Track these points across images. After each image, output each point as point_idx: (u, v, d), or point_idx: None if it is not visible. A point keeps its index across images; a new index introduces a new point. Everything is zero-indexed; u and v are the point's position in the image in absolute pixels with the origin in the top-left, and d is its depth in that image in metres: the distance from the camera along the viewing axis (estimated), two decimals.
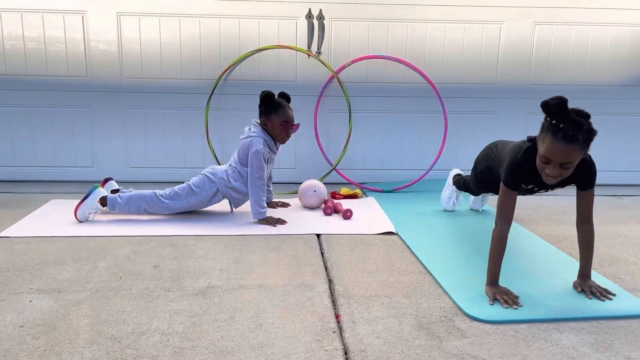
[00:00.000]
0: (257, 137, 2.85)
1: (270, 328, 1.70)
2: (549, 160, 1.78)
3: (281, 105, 2.88)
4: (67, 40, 3.59)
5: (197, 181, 2.90)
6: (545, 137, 1.78)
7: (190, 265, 2.24)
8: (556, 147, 1.74)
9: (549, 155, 1.77)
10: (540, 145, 1.81)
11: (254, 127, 2.92)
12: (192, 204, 2.90)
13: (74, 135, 3.74)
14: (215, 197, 2.92)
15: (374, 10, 3.67)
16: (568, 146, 1.73)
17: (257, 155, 2.81)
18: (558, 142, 1.73)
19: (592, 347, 1.61)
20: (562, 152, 1.75)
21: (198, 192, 2.88)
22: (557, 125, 1.74)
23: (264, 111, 2.88)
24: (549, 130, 1.76)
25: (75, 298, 1.90)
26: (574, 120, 1.75)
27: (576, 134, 1.73)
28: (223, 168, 2.94)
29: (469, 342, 1.63)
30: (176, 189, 2.90)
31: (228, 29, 3.65)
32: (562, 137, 1.72)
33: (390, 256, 2.39)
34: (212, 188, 2.89)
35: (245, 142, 2.87)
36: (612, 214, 3.19)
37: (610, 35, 3.79)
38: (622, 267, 2.30)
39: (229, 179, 2.89)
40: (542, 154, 1.79)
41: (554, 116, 1.78)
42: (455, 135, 3.86)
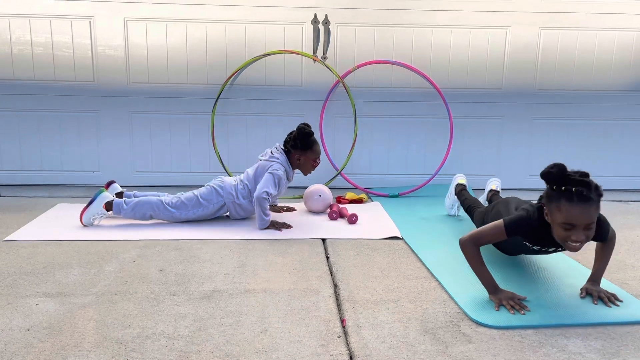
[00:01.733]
0: (280, 164, 2.89)
1: (275, 332, 1.70)
2: (573, 226, 1.75)
3: (315, 142, 2.96)
4: (75, 46, 3.61)
5: (204, 193, 2.91)
6: (559, 205, 1.75)
7: (195, 270, 2.24)
8: (577, 211, 1.72)
9: (572, 221, 1.74)
10: (556, 214, 1.77)
11: (277, 152, 2.94)
12: (197, 215, 2.91)
13: (81, 139, 3.76)
14: (221, 210, 2.94)
15: (379, 15, 3.68)
16: (587, 207, 1.73)
17: (275, 177, 2.84)
18: (576, 206, 1.72)
19: (598, 353, 1.60)
20: (584, 214, 1.73)
21: (205, 205, 2.89)
22: (569, 190, 1.73)
23: (299, 147, 2.92)
24: (562, 197, 1.74)
25: (81, 302, 1.91)
26: (581, 181, 1.74)
27: (589, 194, 1.72)
28: (232, 182, 2.95)
29: (475, 347, 1.63)
30: (183, 198, 2.90)
31: (234, 34, 3.66)
32: (579, 200, 1.72)
33: (395, 261, 2.39)
34: (219, 202, 2.90)
35: (266, 164, 2.90)
36: (619, 219, 3.17)
37: (616, 40, 3.78)
38: (629, 272, 2.29)
39: (238, 194, 2.90)
40: (564, 222, 1.75)
41: (559, 183, 1.76)
42: (460, 139, 3.86)
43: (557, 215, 1.76)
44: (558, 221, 1.77)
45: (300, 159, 2.95)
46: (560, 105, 3.86)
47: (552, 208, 1.79)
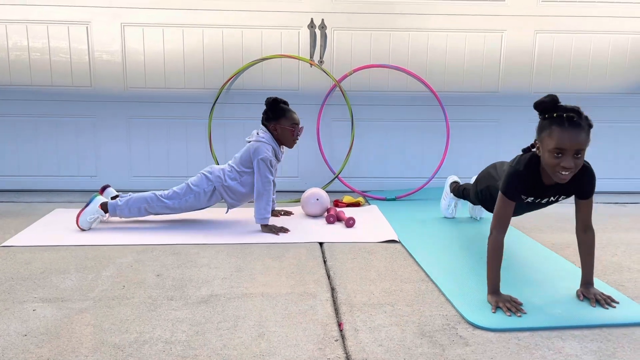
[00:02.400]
0: (266, 143, 2.88)
1: (272, 336, 1.71)
2: (562, 151, 1.77)
3: (288, 109, 2.94)
4: (72, 51, 3.62)
5: (195, 180, 2.93)
6: (550, 132, 1.79)
7: (193, 274, 2.24)
8: (567, 135, 1.76)
9: (562, 145, 1.76)
10: (547, 142, 1.80)
11: (262, 132, 2.94)
12: (190, 203, 2.91)
13: (78, 144, 3.76)
14: (213, 197, 2.93)
15: (375, 19, 3.70)
16: (577, 131, 1.76)
17: (265, 162, 2.83)
18: (567, 130, 1.76)
19: (595, 355, 1.61)
20: (574, 138, 1.76)
21: (196, 191, 2.90)
22: (560, 115, 1.78)
23: (271, 117, 2.93)
24: (553, 123, 1.78)
25: (78, 307, 1.91)
26: (572, 108, 1.80)
27: (579, 120, 1.78)
28: (221, 167, 2.97)
29: (472, 350, 1.63)
30: (175, 188, 2.93)
31: (231, 39, 3.67)
32: (569, 124, 1.76)
33: (392, 264, 2.39)
34: (210, 186, 2.90)
35: (252, 145, 2.89)
36: (614, 221, 3.19)
37: (611, 44, 3.80)
38: (625, 274, 2.30)
39: (225, 177, 2.91)
40: (554, 147, 1.78)
41: (551, 111, 1.80)
42: (457, 143, 3.87)
43: (548, 142, 1.80)
44: (549, 148, 1.80)
45: (277, 129, 2.92)
46: None
47: (543, 137, 1.82)
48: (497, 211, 1.98)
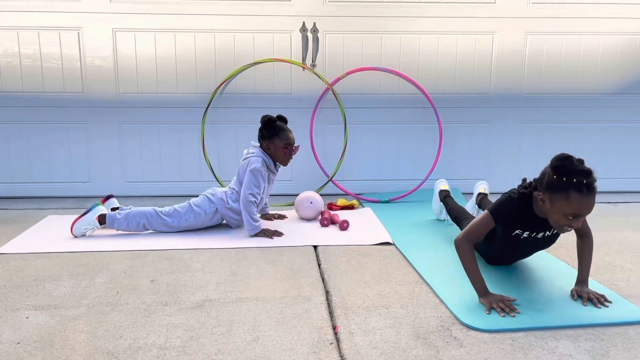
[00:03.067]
0: (256, 156, 2.88)
1: (267, 341, 1.70)
2: (579, 216, 1.80)
3: (283, 129, 2.92)
4: (63, 57, 3.61)
5: (197, 201, 2.93)
6: (567, 196, 1.77)
7: (187, 279, 2.24)
8: (586, 203, 1.77)
9: (581, 212, 1.78)
10: (562, 204, 1.79)
11: (252, 147, 2.95)
12: (190, 223, 2.90)
13: (70, 150, 3.74)
14: (214, 218, 2.94)
15: (367, 22, 3.71)
16: (594, 197, 1.78)
17: (254, 173, 2.83)
18: (587, 198, 1.76)
19: (588, 354, 1.62)
20: (591, 205, 1.78)
21: (197, 212, 2.89)
22: (580, 182, 1.75)
23: (266, 136, 2.92)
24: (570, 188, 1.76)
25: (71, 314, 1.90)
26: (586, 171, 1.77)
27: (594, 184, 1.78)
28: (223, 190, 2.97)
29: (466, 351, 1.63)
30: (176, 206, 2.91)
31: (223, 43, 3.68)
32: (588, 191, 1.76)
33: (387, 266, 2.40)
34: (211, 208, 2.91)
35: (244, 163, 2.91)
36: (607, 220, 3.20)
37: (601, 44, 3.83)
38: (618, 273, 2.31)
39: (228, 200, 2.91)
40: (572, 212, 1.78)
41: (569, 175, 1.78)
42: (450, 145, 3.88)
43: (563, 205, 1.79)
44: (564, 211, 1.80)
45: (269, 148, 2.91)
46: (548, 109, 3.90)
47: (556, 198, 1.81)
48: (474, 224, 1.99)
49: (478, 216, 2.01)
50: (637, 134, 3.97)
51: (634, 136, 3.97)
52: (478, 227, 1.99)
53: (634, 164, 4.00)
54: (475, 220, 2.01)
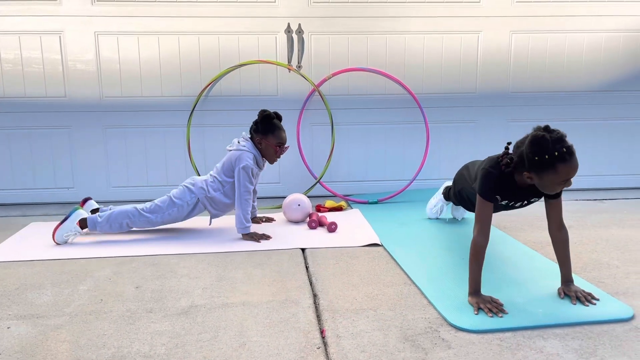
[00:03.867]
0: (248, 152, 2.86)
1: (253, 346, 1.68)
2: (568, 179, 1.85)
3: (278, 127, 2.91)
4: (45, 61, 3.56)
5: (177, 193, 2.89)
6: (555, 169, 1.81)
7: (172, 285, 2.21)
8: (573, 166, 1.83)
9: (570, 175, 1.84)
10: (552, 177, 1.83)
11: (243, 140, 2.92)
12: (173, 216, 2.87)
13: (54, 156, 3.69)
14: (196, 208, 2.90)
15: (352, 23, 3.70)
16: (576, 157, 1.84)
17: (246, 171, 2.80)
18: (571, 162, 1.82)
19: (576, 353, 1.61)
20: (577, 164, 1.85)
21: (179, 204, 2.85)
22: (561, 152, 1.81)
23: (261, 130, 2.89)
24: (556, 161, 1.81)
25: (54, 323, 1.86)
26: (559, 138, 1.84)
27: (572, 147, 1.84)
28: (203, 178, 2.93)
29: (454, 352, 1.62)
30: (157, 201, 2.88)
31: (207, 45, 3.64)
32: (571, 157, 1.82)
33: (375, 268, 2.38)
34: (193, 198, 2.87)
35: (233, 154, 2.87)
36: (593, 217, 3.22)
37: (585, 42, 3.86)
38: (604, 271, 2.32)
39: (209, 188, 2.87)
40: (564, 179, 1.84)
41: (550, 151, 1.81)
42: (437, 144, 3.88)
43: (554, 177, 1.84)
44: (556, 181, 1.85)
45: (261, 143, 2.89)
46: (534, 107, 3.91)
47: (544, 174, 1.85)
48: (477, 213, 2.01)
49: (476, 207, 2.02)
50: (622, 131, 3.99)
51: (619, 133, 3.99)
52: (482, 214, 1.99)
53: (620, 161, 4.03)
54: (476, 212, 2.01)
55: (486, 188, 1.99)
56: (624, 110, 3.96)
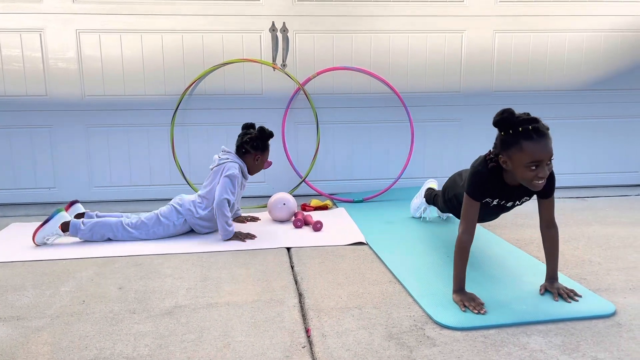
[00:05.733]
0: (232, 162, 2.84)
1: (238, 346, 1.67)
2: (538, 162, 1.79)
3: (268, 145, 2.97)
4: (25, 59, 3.50)
5: (164, 211, 2.85)
6: (520, 147, 1.79)
7: (156, 285, 2.18)
8: (540, 147, 1.77)
9: (539, 157, 1.78)
10: (519, 157, 1.80)
11: (223, 154, 2.92)
12: (158, 234, 2.82)
13: (34, 155, 3.63)
14: (182, 228, 2.87)
15: (337, 22, 3.70)
16: (546, 140, 1.79)
17: (232, 179, 2.79)
18: (538, 142, 1.77)
19: (559, 349, 1.63)
20: (546, 148, 1.79)
21: (165, 223, 2.82)
22: (526, 129, 1.78)
23: (260, 147, 2.91)
24: (521, 138, 1.78)
25: (35, 325, 1.83)
26: (532, 119, 1.82)
27: (543, 128, 1.80)
28: (191, 199, 2.90)
29: (439, 350, 1.63)
30: (143, 218, 2.83)
31: (191, 43, 3.62)
32: (538, 135, 1.77)
33: (360, 267, 2.38)
34: (180, 219, 2.84)
35: (219, 168, 2.85)
36: (575, 215, 3.26)
37: (567, 41, 3.90)
38: (586, 267, 2.34)
39: (197, 209, 2.85)
40: (531, 161, 1.78)
41: (513, 126, 1.81)
42: (422, 143, 3.90)
43: (520, 157, 1.79)
44: (523, 162, 1.80)
45: (257, 159, 2.92)
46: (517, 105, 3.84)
47: (512, 153, 1.82)
48: (464, 212, 2.00)
49: (463, 205, 2.00)
50: (604, 129, 4.05)
51: (601, 132, 4.05)
52: (468, 213, 1.98)
53: (602, 159, 4.09)
54: (462, 209, 2.00)
55: (474, 187, 1.97)
56: (605, 108, 4.02)
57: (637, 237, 2.80)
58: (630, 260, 2.44)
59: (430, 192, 3.03)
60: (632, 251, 2.56)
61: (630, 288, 2.10)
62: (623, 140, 4.08)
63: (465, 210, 1.99)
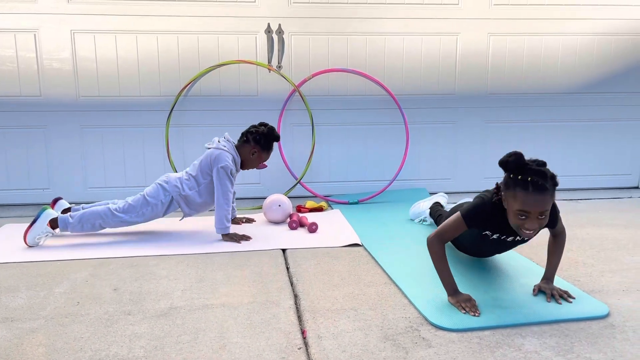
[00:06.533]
0: (227, 152, 2.83)
1: (234, 348, 1.67)
2: (527, 214, 1.78)
3: (272, 147, 2.95)
4: (19, 59, 3.48)
5: (151, 191, 2.84)
6: (514, 194, 1.79)
7: (151, 287, 2.18)
8: (531, 200, 1.76)
9: (526, 208, 1.77)
10: (511, 202, 1.81)
11: (224, 140, 2.89)
12: (148, 216, 2.82)
13: (29, 156, 3.61)
14: (170, 207, 2.86)
15: (332, 24, 3.71)
16: (542, 196, 1.76)
17: (225, 170, 2.78)
18: (531, 195, 1.76)
19: (553, 350, 1.64)
20: (538, 203, 1.76)
21: (153, 203, 2.81)
22: (525, 179, 1.76)
23: (262, 144, 2.90)
24: (517, 186, 1.78)
25: (29, 326, 1.82)
26: (538, 170, 1.78)
27: (544, 183, 1.76)
28: (177, 176, 2.89)
29: (435, 351, 1.63)
30: (130, 201, 2.82)
31: (187, 44, 3.61)
32: (533, 189, 1.75)
33: (355, 268, 2.39)
34: (167, 197, 2.83)
35: (212, 152, 2.83)
36: (569, 217, 3.27)
37: (561, 45, 3.93)
38: (580, 269, 2.36)
39: (183, 186, 2.84)
40: (519, 209, 1.78)
41: (516, 172, 1.80)
42: (417, 145, 3.91)
43: (512, 203, 1.81)
44: (513, 209, 1.80)
45: (254, 153, 2.90)
46: (511, 108, 3.97)
47: (508, 195, 1.83)
48: (447, 225, 1.98)
49: (451, 217, 1.99)
50: (598, 132, 4.08)
51: (595, 135, 4.08)
52: (449, 229, 1.97)
53: (595, 162, 4.11)
54: (448, 221, 1.99)
55: (472, 212, 1.95)
56: (598, 111, 4.04)
57: (630, 239, 2.82)
58: (624, 262, 2.45)
59: (436, 208, 2.99)
60: (625, 253, 2.58)
61: (623, 290, 2.12)
62: (616, 142, 4.11)
63: (448, 224, 1.97)
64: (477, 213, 1.95)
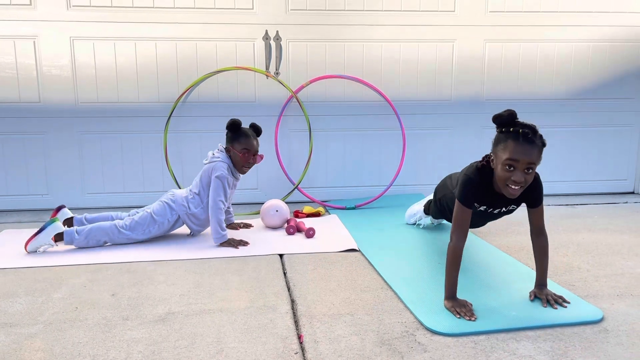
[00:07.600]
0: (222, 161, 2.85)
1: (231, 352, 1.68)
2: (514, 164, 1.84)
3: (246, 134, 2.89)
4: (19, 66, 3.50)
5: (157, 209, 2.86)
6: (505, 145, 1.86)
7: (149, 292, 2.19)
8: (520, 149, 1.83)
9: (516, 156, 1.83)
10: (500, 154, 1.88)
11: (217, 151, 2.92)
12: (153, 233, 2.85)
13: (27, 162, 3.63)
14: (176, 225, 2.90)
15: (330, 30, 3.74)
16: (531, 147, 1.83)
17: (221, 180, 2.80)
18: (521, 144, 1.83)
19: (548, 355, 1.65)
20: (527, 153, 1.83)
21: (159, 221, 2.84)
22: (516, 130, 1.85)
23: (229, 138, 2.91)
24: (509, 137, 1.85)
25: (27, 332, 1.83)
26: (529, 125, 1.87)
27: (534, 137, 1.84)
28: (183, 194, 2.91)
29: (430, 356, 1.65)
30: (136, 218, 2.84)
31: (185, 51, 3.64)
32: (524, 139, 1.83)
33: (352, 273, 2.40)
34: (173, 215, 2.86)
35: (209, 166, 2.86)
36: (565, 222, 3.30)
37: (556, 52, 3.96)
38: (575, 274, 2.38)
39: (189, 205, 2.87)
40: (507, 158, 1.84)
41: (508, 126, 1.87)
42: (413, 150, 3.93)
43: (502, 154, 1.87)
44: (502, 159, 1.86)
45: (230, 150, 2.89)
46: None
47: (498, 150, 1.90)
48: (455, 218, 2.03)
49: (454, 211, 2.02)
50: (593, 138, 4.10)
51: (590, 140, 4.10)
52: (459, 219, 2.01)
53: (591, 167, 4.14)
54: (454, 215, 2.03)
55: (465, 194, 2.00)
56: (593, 117, 4.07)
57: (624, 244, 2.84)
58: (618, 267, 2.47)
59: (428, 205, 3.05)
60: (619, 258, 2.60)
61: (617, 294, 2.14)
62: (611, 148, 4.14)
63: (456, 217, 2.02)
64: (468, 190, 2.00)
